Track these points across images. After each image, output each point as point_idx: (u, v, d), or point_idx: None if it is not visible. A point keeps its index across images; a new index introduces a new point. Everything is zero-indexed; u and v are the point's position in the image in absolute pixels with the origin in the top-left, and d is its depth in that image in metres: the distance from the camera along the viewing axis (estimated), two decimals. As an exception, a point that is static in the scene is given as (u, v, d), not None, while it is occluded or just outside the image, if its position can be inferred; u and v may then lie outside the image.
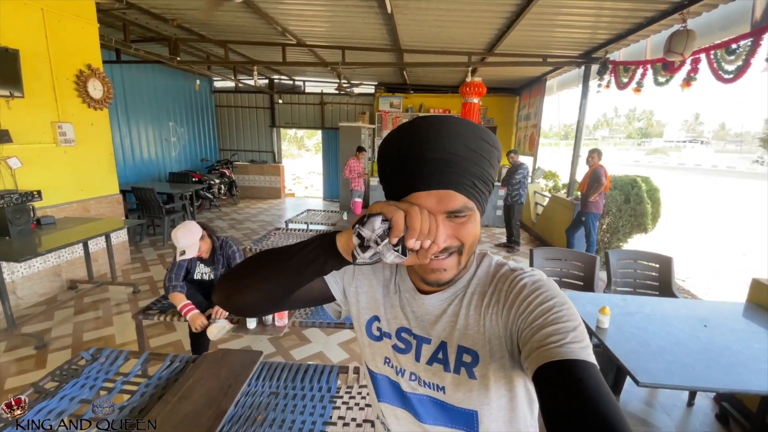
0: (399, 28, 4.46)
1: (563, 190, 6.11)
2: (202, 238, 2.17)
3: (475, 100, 5.28)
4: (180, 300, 2.15)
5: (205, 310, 2.21)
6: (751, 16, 2.87)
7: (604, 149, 4.81)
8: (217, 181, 7.83)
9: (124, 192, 5.00)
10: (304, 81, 9.27)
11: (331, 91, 9.11)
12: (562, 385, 0.45)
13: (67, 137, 3.75)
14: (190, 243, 2.09)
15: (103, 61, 4.22)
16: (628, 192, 4.90)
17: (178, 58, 5.32)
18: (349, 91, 7.07)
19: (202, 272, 2.37)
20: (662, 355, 1.63)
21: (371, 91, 8.94)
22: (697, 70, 3.23)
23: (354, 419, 1.40)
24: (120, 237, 4.50)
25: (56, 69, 3.64)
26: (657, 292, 2.70)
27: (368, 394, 1.55)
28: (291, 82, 9.27)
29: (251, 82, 7.64)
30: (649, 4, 3.31)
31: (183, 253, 2.07)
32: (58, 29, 3.64)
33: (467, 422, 0.63)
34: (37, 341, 2.81)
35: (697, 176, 23.42)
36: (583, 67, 5.13)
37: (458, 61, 5.47)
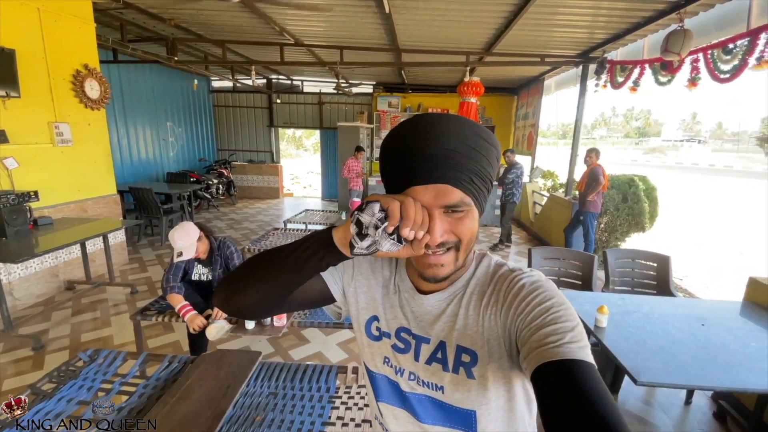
0: (397, 28, 4.46)
1: (561, 190, 6.11)
2: (199, 239, 2.17)
3: (473, 99, 5.28)
4: (178, 301, 2.15)
5: (203, 311, 2.21)
6: (748, 16, 2.88)
7: (602, 148, 4.81)
8: (215, 181, 7.81)
9: (121, 192, 4.99)
10: (302, 81, 9.25)
11: (330, 90, 9.10)
12: (560, 385, 0.45)
13: (64, 137, 3.74)
14: (187, 244, 2.08)
15: (100, 61, 4.21)
16: (626, 191, 4.91)
17: (176, 58, 5.31)
18: (347, 91, 7.07)
19: (200, 273, 2.36)
20: (660, 354, 1.64)
21: (369, 90, 8.93)
22: (699, 70, 3.24)
23: (353, 419, 1.40)
24: (118, 237, 4.48)
25: (53, 69, 3.62)
26: (655, 291, 2.71)
27: (367, 394, 1.55)
28: (289, 82, 9.25)
29: (249, 82, 7.63)
30: (647, 3, 3.32)
31: (180, 255, 2.06)
32: (54, 29, 3.62)
33: (466, 422, 0.63)
34: (35, 342, 2.80)
35: (695, 175, 23.48)
36: (581, 67, 5.14)
37: (456, 61, 5.47)
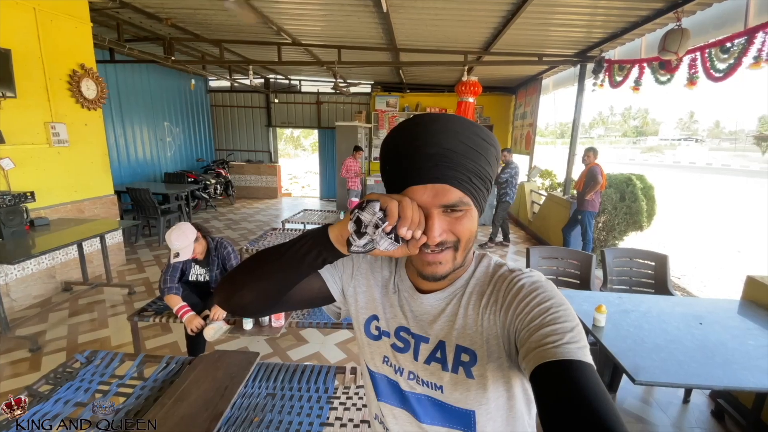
0: (395, 27, 4.45)
1: (559, 189, 6.12)
2: (196, 240, 2.16)
3: (471, 99, 5.27)
4: (176, 302, 2.14)
5: (200, 312, 2.20)
6: (745, 14, 2.88)
7: (600, 148, 4.84)
8: (213, 181, 7.80)
9: (118, 193, 4.97)
10: (300, 80, 9.24)
11: (328, 90, 9.10)
12: (558, 386, 0.45)
13: (61, 138, 3.72)
14: (184, 245, 2.07)
15: (97, 61, 4.19)
16: (624, 190, 4.92)
17: (173, 58, 5.28)
18: (344, 91, 7.05)
19: (197, 273, 2.36)
20: (658, 353, 1.64)
21: (368, 90, 8.93)
22: (697, 68, 3.24)
23: (351, 420, 1.39)
24: (115, 238, 4.47)
25: (49, 69, 3.60)
26: (653, 290, 2.71)
27: (365, 394, 1.54)
28: (287, 82, 9.24)
29: (247, 82, 7.61)
30: (644, 2, 3.32)
31: (177, 256, 2.06)
32: (50, 29, 3.60)
33: (465, 422, 0.62)
34: (32, 344, 2.79)
35: (692, 174, 23.57)
36: (579, 66, 5.14)
37: (454, 61, 5.47)
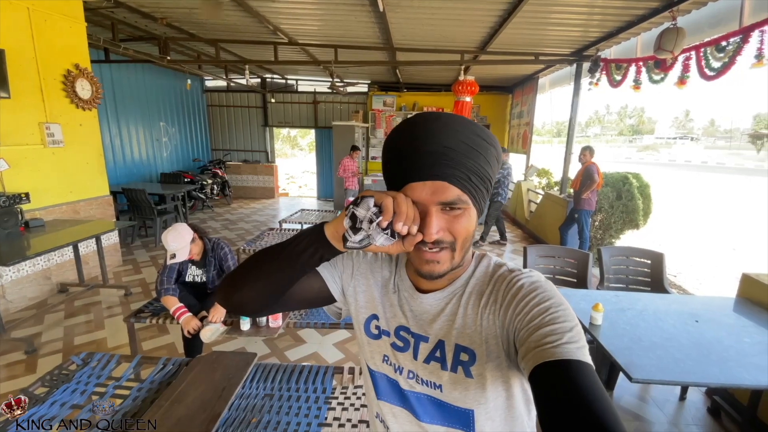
0: (391, 27, 4.45)
1: (556, 188, 6.14)
2: (193, 241, 2.15)
3: (468, 98, 5.29)
4: (173, 303, 2.13)
5: (197, 313, 2.19)
6: (740, 13, 2.90)
7: (596, 146, 4.84)
8: (210, 182, 7.77)
9: (114, 193, 4.95)
10: (297, 80, 9.22)
11: (325, 90, 9.07)
12: (557, 386, 0.45)
13: (55, 138, 3.70)
14: (180, 246, 2.07)
15: (92, 61, 4.16)
16: (620, 189, 4.94)
17: (168, 58, 5.26)
18: (341, 90, 7.05)
19: (194, 274, 2.35)
20: (654, 351, 1.65)
21: (364, 89, 8.92)
22: (689, 68, 3.26)
23: (349, 420, 1.39)
24: (111, 239, 4.45)
25: (43, 69, 3.58)
26: (649, 288, 2.73)
27: (364, 394, 1.54)
28: (283, 81, 9.22)
29: (243, 81, 7.58)
30: (640, 2, 3.34)
31: (173, 257, 2.05)
32: (44, 29, 3.58)
33: (464, 421, 0.63)
34: (27, 346, 2.77)
35: (688, 172, 23.70)
36: (575, 65, 5.16)
37: (451, 60, 5.47)
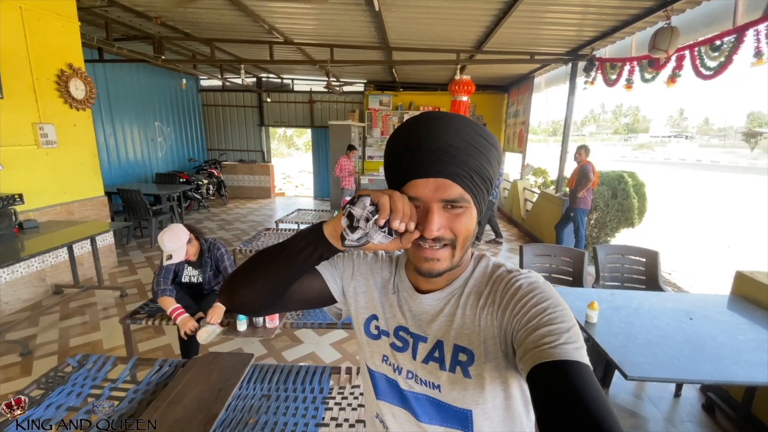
0: (387, 26, 4.44)
1: (552, 187, 6.16)
2: (189, 242, 2.14)
3: (465, 98, 5.29)
4: (169, 304, 2.12)
5: (194, 313, 2.18)
6: (734, 13, 2.92)
7: (592, 145, 4.86)
8: (206, 182, 7.73)
9: (109, 194, 4.91)
10: (293, 79, 9.19)
11: (321, 89, 9.06)
12: (554, 387, 0.45)
13: (49, 139, 3.67)
14: (176, 247, 2.06)
15: (85, 61, 4.13)
16: (615, 187, 4.97)
17: (163, 57, 5.23)
18: (337, 90, 7.03)
19: (191, 275, 2.34)
20: (649, 349, 1.66)
21: (361, 89, 8.91)
22: (682, 67, 3.28)
23: (347, 420, 1.39)
24: (106, 240, 4.42)
25: (36, 69, 3.55)
26: (644, 286, 2.74)
27: (361, 394, 1.55)
28: (279, 81, 9.19)
29: (239, 81, 7.56)
30: (634, 1, 3.35)
31: (170, 258, 2.04)
32: (37, 28, 3.55)
33: (462, 421, 0.63)
34: (22, 348, 2.75)
35: (682, 170, 23.85)
36: (570, 64, 5.18)
37: (447, 59, 5.47)
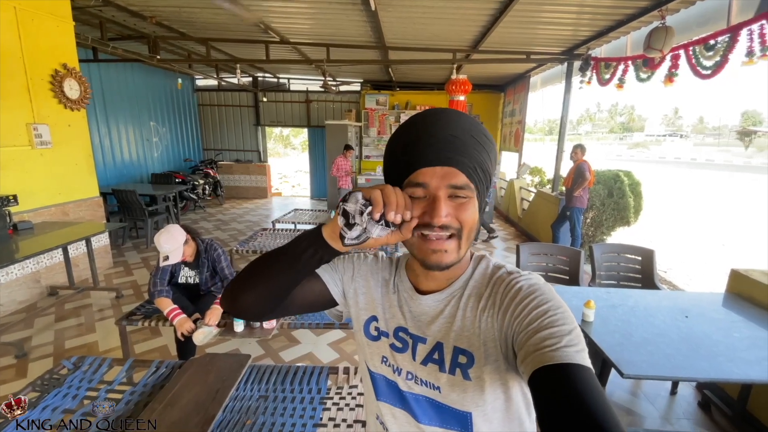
0: (383, 25, 4.44)
1: (548, 186, 6.18)
2: (186, 242, 2.13)
3: (462, 97, 5.30)
4: (166, 305, 2.11)
5: (191, 315, 2.17)
6: (728, 12, 2.93)
7: (588, 144, 4.88)
8: (202, 182, 7.70)
9: (104, 194, 4.88)
10: (289, 79, 9.17)
11: (317, 89, 9.04)
12: (556, 390, 0.45)
13: (43, 139, 3.64)
14: (173, 248, 2.05)
15: (80, 60, 4.10)
16: (611, 186, 4.99)
17: (158, 57, 5.19)
18: (333, 89, 7.02)
19: (187, 276, 2.33)
20: (645, 347, 1.67)
21: (357, 88, 8.90)
22: (678, 66, 3.30)
23: (344, 420, 1.39)
24: (101, 241, 4.39)
25: (30, 69, 3.52)
26: (640, 285, 2.76)
27: (360, 394, 1.54)
28: (275, 80, 9.16)
29: (234, 80, 7.53)
30: (629, 1, 3.37)
31: (166, 259, 2.03)
32: (31, 28, 3.52)
33: (461, 423, 0.62)
34: (17, 350, 2.73)
35: (677, 169, 23.99)
36: (566, 64, 5.19)
37: (443, 59, 5.48)
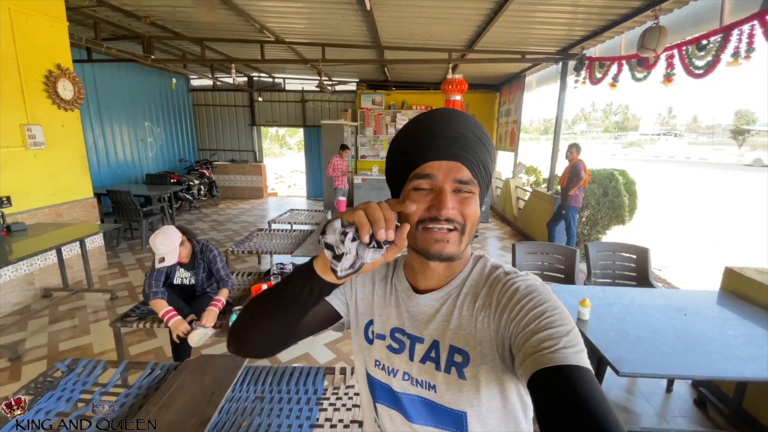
0: (379, 25, 4.44)
1: (544, 185, 6.21)
2: (182, 244, 2.12)
3: (458, 97, 5.31)
4: (162, 306, 2.10)
5: (186, 316, 2.16)
6: (721, 13, 2.96)
7: (583, 143, 4.91)
8: (197, 182, 7.67)
9: (98, 195, 4.85)
10: (284, 78, 9.14)
11: (313, 88, 9.02)
12: (556, 393, 0.44)
13: (37, 140, 3.61)
14: (169, 249, 2.03)
15: (74, 61, 4.07)
16: (606, 185, 5.02)
17: (153, 57, 5.16)
18: (329, 89, 7.01)
19: (182, 277, 2.32)
20: (641, 345, 1.68)
21: (353, 88, 8.89)
22: (674, 66, 3.32)
23: (341, 420, 1.39)
24: (95, 242, 4.36)
25: (24, 69, 3.49)
26: (635, 283, 2.77)
27: (356, 395, 1.54)
28: (271, 80, 9.13)
29: (229, 80, 7.50)
30: (623, 1, 3.38)
31: (162, 260, 2.02)
32: (26, 29, 3.49)
33: (456, 423, 0.62)
34: (11, 353, 2.71)
35: (672, 168, 24.14)
36: (561, 64, 5.21)
37: (439, 58, 5.48)
